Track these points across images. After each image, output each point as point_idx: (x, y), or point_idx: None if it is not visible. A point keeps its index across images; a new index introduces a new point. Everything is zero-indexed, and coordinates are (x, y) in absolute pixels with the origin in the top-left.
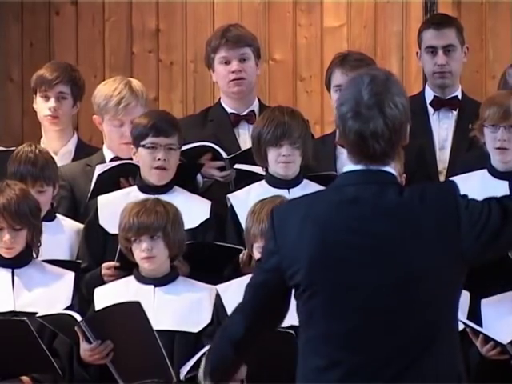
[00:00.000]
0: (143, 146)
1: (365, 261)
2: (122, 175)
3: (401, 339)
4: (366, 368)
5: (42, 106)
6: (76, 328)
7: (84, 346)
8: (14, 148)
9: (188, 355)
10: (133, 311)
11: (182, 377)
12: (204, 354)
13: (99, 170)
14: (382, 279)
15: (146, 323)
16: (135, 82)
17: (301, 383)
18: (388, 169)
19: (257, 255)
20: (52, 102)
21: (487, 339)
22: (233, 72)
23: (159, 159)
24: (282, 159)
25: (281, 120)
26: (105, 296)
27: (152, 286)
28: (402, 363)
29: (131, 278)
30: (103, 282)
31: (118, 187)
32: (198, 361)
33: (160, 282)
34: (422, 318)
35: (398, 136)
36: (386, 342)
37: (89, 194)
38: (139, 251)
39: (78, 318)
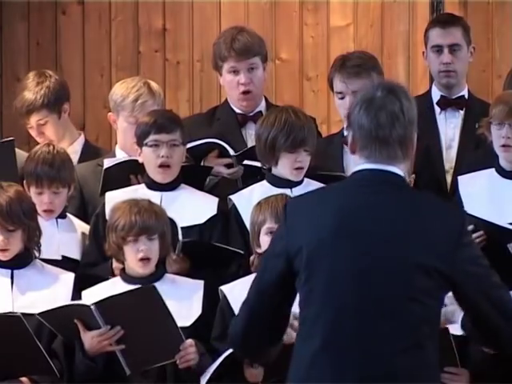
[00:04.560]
0: (146, 144)
1: (363, 247)
2: (131, 171)
3: (390, 329)
4: (353, 353)
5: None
6: (76, 320)
7: (92, 334)
8: (11, 139)
9: None
10: (147, 296)
11: None
12: (223, 360)
13: (106, 164)
14: (378, 267)
15: (162, 306)
16: (153, 83)
17: (296, 362)
18: (397, 170)
19: (264, 239)
20: (37, 136)
21: None
22: (242, 84)
23: (162, 156)
24: (297, 165)
25: (299, 127)
26: (92, 298)
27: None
28: (390, 352)
29: (117, 279)
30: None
31: (128, 183)
32: (218, 368)
33: (147, 281)
34: (410, 311)
35: (410, 130)
36: (375, 330)
37: (99, 189)
38: (135, 252)
39: (88, 303)
